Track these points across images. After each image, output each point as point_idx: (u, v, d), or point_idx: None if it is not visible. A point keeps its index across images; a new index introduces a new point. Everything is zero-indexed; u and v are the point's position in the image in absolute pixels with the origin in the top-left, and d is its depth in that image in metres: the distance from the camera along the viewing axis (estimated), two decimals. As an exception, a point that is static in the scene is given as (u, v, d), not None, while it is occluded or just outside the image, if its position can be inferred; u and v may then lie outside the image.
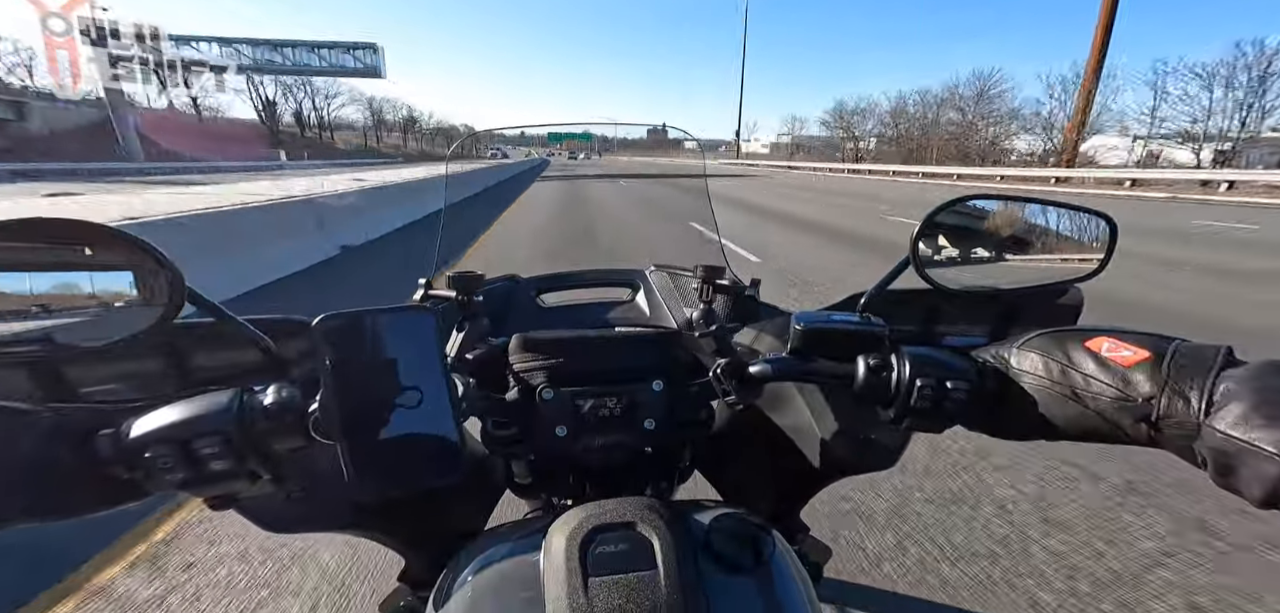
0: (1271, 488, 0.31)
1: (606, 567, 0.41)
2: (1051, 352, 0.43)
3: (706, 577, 0.43)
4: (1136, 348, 0.38)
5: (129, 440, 0.39)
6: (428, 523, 0.68)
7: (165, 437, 0.39)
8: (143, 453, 0.39)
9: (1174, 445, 0.36)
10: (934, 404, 0.45)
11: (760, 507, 0.74)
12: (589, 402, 0.57)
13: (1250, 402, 0.32)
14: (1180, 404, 0.35)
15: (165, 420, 0.40)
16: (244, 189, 8.78)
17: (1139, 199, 17.53)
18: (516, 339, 0.61)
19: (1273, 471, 0.30)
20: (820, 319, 0.54)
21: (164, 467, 0.39)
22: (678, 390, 0.60)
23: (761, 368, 0.54)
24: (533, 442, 0.58)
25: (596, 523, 0.44)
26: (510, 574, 0.46)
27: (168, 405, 0.41)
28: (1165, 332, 0.40)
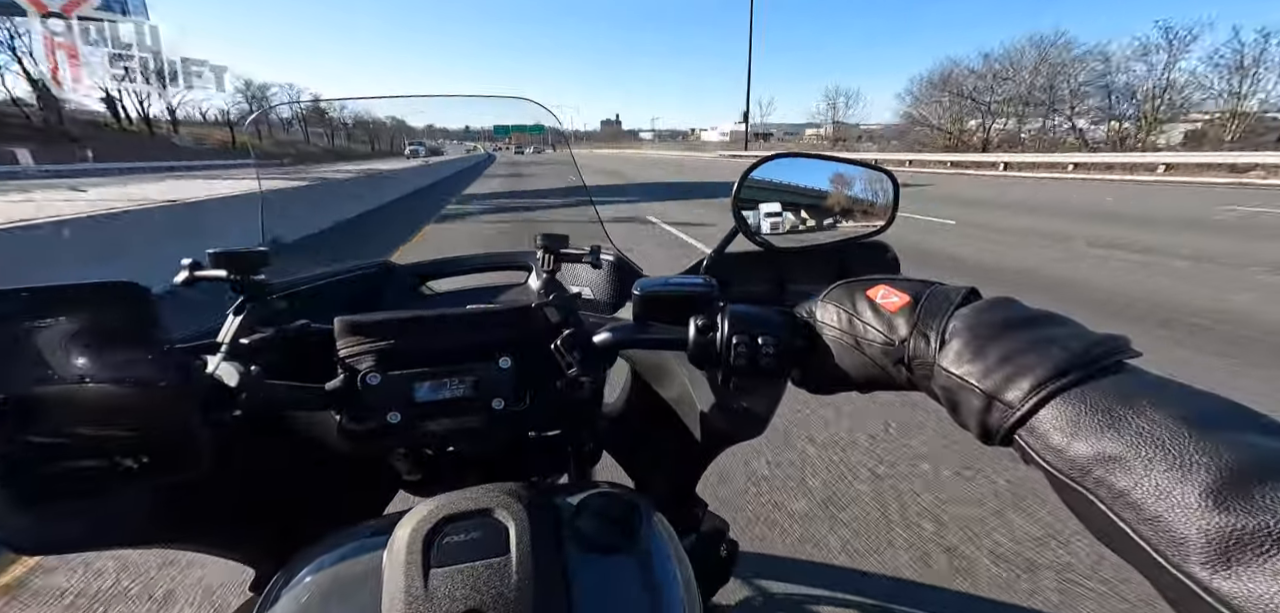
0: (978, 421, 0.31)
1: (452, 557, 0.39)
2: (843, 301, 0.43)
3: (571, 558, 0.42)
4: (902, 294, 0.39)
5: None
6: (289, 528, 0.61)
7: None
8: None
9: (922, 386, 0.37)
10: (749, 360, 0.45)
11: (660, 485, 0.75)
12: (425, 384, 0.53)
13: (965, 338, 0.33)
14: (922, 344, 0.35)
15: None
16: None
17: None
18: (340, 323, 0.55)
19: (976, 403, 0.31)
20: (658, 284, 0.55)
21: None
22: (530, 367, 0.58)
23: (603, 336, 0.55)
24: (366, 428, 0.54)
25: (447, 513, 0.42)
26: (349, 572, 0.43)
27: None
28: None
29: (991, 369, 0.30)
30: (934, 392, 0.35)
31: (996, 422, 0.30)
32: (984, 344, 0.31)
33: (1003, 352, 0.30)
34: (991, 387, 0.30)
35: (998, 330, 0.32)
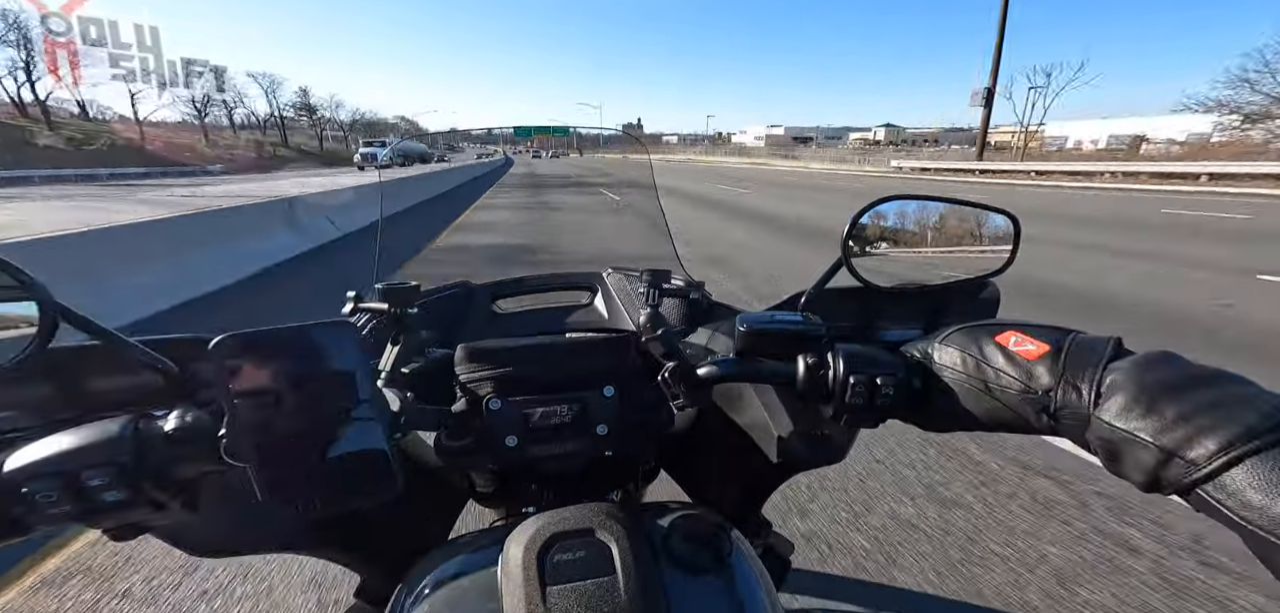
0: (1149, 474, 0.33)
1: (565, 575, 0.41)
2: (968, 346, 0.44)
3: (667, 579, 0.43)
4: (1038, 342, 0.40)
5: (5, 476, 0.35)
6: (383, 537, 0.65)
7: (46, 471, 0.35)
8: (19, 489, 0.35)
9: (1070, 434, 0.38)
10: (867, 399, 0.47)
11: (724, 505, 0.75)
12: (538, 411, 0.56)
13: (1131, 393, 0.34)
14: (1073, 396, 0.37)
15: (46, 453, 0.36)
16: None
17: None
18: (462, 350, 0.59)
19: (1149, 458, 0.32)
20: (763, 320, 0.55)
21: (47, 502, 0.35)
22: (630, 395, 0.60)
23: (708, 369, 0.55)
24: (484, 453, 0.57)
25: (554, 531, 0.43)
26: (468, 586, 0.45)
27: (50, 436, 0.37)
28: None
29: (1168, 426, 0.31)
30: (1086, 441, 0.36)
31: (1175, 477, 0.31)
32: (1156, 400, 0.33)
33: (1181, 409, 0.32)
34: (1171, 443, 0.31)
35: (1171, 388, 0.33)
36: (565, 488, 0.64)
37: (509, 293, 1.02)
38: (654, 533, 0.46)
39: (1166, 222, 10.01)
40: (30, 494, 0.35)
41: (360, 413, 0.40)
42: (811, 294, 0.62)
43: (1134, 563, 1.77)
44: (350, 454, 0.39)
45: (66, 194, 15.71)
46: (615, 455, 0.65)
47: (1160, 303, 4.82)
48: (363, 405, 0.40)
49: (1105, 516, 2.00)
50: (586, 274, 1.07)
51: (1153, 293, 5.18)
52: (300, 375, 0.39)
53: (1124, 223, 9.90)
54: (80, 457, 0.36)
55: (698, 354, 0.62)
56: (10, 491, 0.35)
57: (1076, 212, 11.85)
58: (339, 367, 0.40)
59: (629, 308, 0.92)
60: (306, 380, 0.39)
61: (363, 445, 0.40)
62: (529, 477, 0.65)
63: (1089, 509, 2.04)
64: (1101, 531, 1.92)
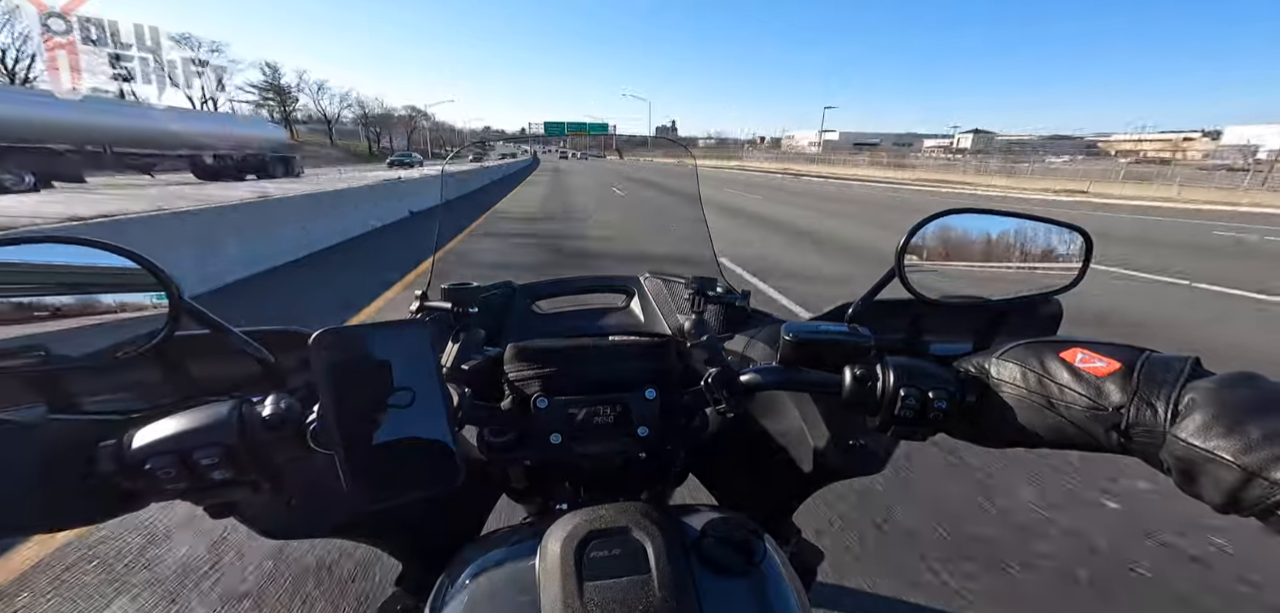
0: (1228, 494, 0.32)
1: (601, 571, 0.42)
2: (1029, 362, 0.44)
3: (699, 579, 0.44)
4: (1109, 359, 0.40)
5: (130, 453, 0.40)
6: (425, 529, 0.68)
7: (166, 448, 0.40)
8: (143, 465, 0.40)
9: (1142, 453, 0.37)
10: (917, 413, 0.47)
11: (752, 511, 0.75)
12: (583, 410, 0.57)
13: (1212, 412, 0.33)
14: (1148, 413, 0.36)
15: (166, 432, 0.40)
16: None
17: None
18: (511, 349, 0.61)
19: (1229, 478, 0.32)
20: (809, 330, 0.55)
21: (165, 477, 0.40)
22: (670, 398, 0.61)
23: (751, 377, 0.55)
24: (528, 449, 0.59)
25: (591, 528, 0.45)
26: (506, 579, 0.46)
27: (168, 418, 0.41)
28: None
29: (1253, 446, 0.31)
30: (1160, 460, 0.36)
31: (1255, 497, 0.31)
32: (1239, 420, 0.32)
33: (1266, 430, 0.31)
34: (1253, 463, 0.31)
35: (1255, 408, 0.32)
36: (596, 488, 0.66)
37: (549, 294, 1.05)
38: (687, 534, 0.47)
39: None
40: (152, 470, 0.40)
41: (430, 407, 0.42)
42: (859, 306, 0.61)
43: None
44: (419, 446, 0.42)
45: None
46: (649, 457, 0.66)
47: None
48: (433, 401, 0.43)
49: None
50: (623, 278, 1.09)
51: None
52: (382, 371, 0.42)
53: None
54: (195, 437, 0.40)
55: (738, 361, 0.62)
56: (135, 466, 0.40)
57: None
58: (414, 363, 0.43)
59: (665, 312, 0.93)
60: (387, 376, 0.42)
61: (431, 438, 0.42)
62: (562, 475, 0.67)
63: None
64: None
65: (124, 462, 0.40)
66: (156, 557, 1.81)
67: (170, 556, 1.81)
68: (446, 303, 0.67)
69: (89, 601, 1.64)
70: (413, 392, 0.42)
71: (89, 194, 8.79)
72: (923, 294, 0.57)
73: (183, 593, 1.68)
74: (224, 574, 1.74)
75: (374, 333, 0.42)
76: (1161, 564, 1.79)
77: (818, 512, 1.99)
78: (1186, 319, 4.81)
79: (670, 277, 1.04)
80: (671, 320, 0.91)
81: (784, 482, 0.71)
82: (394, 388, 0.42)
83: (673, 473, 0.74)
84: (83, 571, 1.75)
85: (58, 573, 1.73)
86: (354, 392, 0.41)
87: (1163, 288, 5.89)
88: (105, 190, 10.07)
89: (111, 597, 1.65)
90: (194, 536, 1.88)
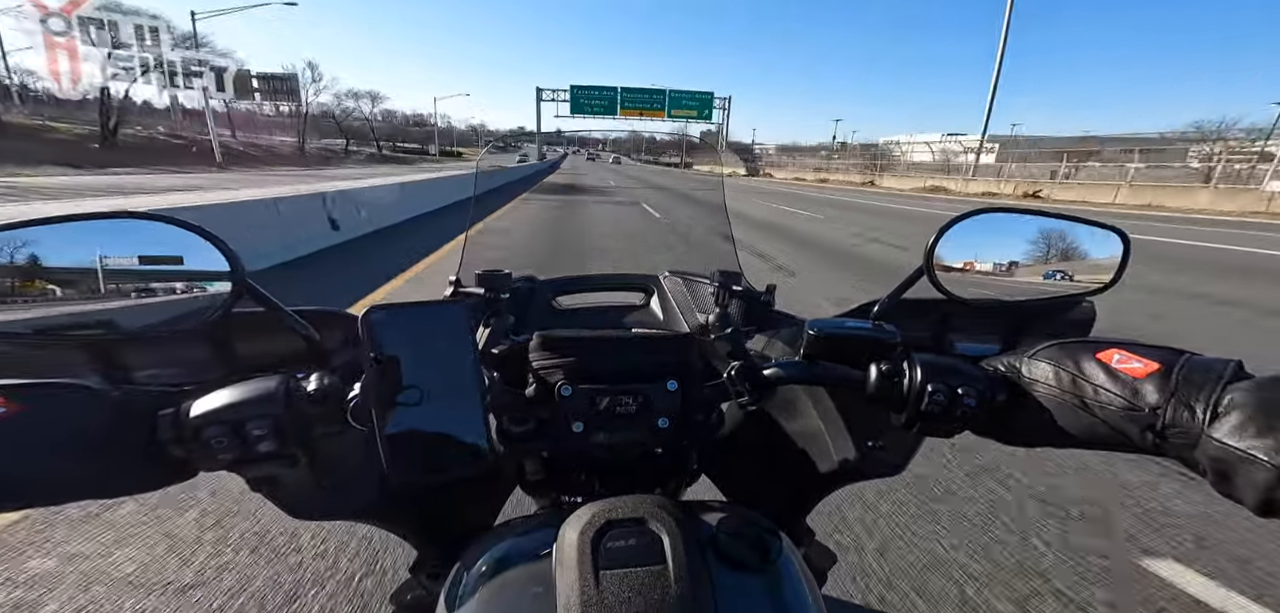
0: (1264, 494, 0.32)
1: (618, 560, 0.42)
2: (1063, 362, 0.44)
3: (715, 573, 0.44)
4: (1147, 360, 0.39)
5: (188, 421, 0.42)
6: (442, 516, 0.70)
7: (220, 418, 0.42)
8: (200, 433, 0.42)
9: (1177, 454, 0.37)
10: (944, 410, 0.47)
11: (766, 510, 0.75)
12: (605, 399, 0.58)
13: (1250, 411, 0.33)
14: (1185, 414, 0.36)
15: (221, 402, 0.43)
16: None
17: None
18: (537, 337, 0.63)
19: (1264, 477, 0.31)
20: (834, 326, 0.55)
21: (218, 447, 0.42)
22: (691, 392, 0.61)
23: (775, 371, 0.56)
24: (548, 438, 0.60)
25: (608, 518, 0.45)
26: (522, 568, 0.47)
27: (223, 388, 0.44)
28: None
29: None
30: (1195, 461, 0.36)
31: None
32: (1275, 419, 0.32)
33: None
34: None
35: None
36: (611, 482, 0.66)
37: (569, 289, 1.06)
38: (704, 528, 0.47)
39: None
40: (207, 438, 0.42)
41: (465, 390, 0.44)
42: (885, 304, 0.61)
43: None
44: (453, 428, 0.44)
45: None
46: (665, 452, 0.67)
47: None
48: (468, 384, 0.44)
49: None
50: (642, 276, 1.09)
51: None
52: (425, 351, 0.43)
53: None
54: (246, 408, 0.42)
55: (757, 358, 0.62)
56: (192, 435, 0.42)
57: None
58: (453, 345, 0.44)
59: (685, 311, 0.93)
60: (429, 356, 0.43)
61: (464, 422, 0.44)
62: (578, 468, 0.68)
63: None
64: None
65: (181, 430, 0.42)
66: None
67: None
68: (479, 289, 0.68)
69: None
70: (451, 374, 0.43)
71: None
72: (952, 293, 0.57)
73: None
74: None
75: (420, 312, 0.44)
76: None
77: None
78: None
79: (691, 275, 1.04)
80: (691, 319, 0.91)
81: (798, 482, 0.70)
82: (434, 369, 0.43)
83: (687, 470, 0.75)
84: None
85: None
86: (396, 369, 0.42)
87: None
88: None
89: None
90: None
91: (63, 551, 1.80)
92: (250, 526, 1.93)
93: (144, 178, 17.59)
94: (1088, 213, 0.61)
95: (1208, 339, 4.50)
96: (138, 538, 1.87)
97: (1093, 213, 9.41)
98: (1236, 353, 0.38)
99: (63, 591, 1.64)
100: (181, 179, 16.88)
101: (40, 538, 1.85)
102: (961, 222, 0.57)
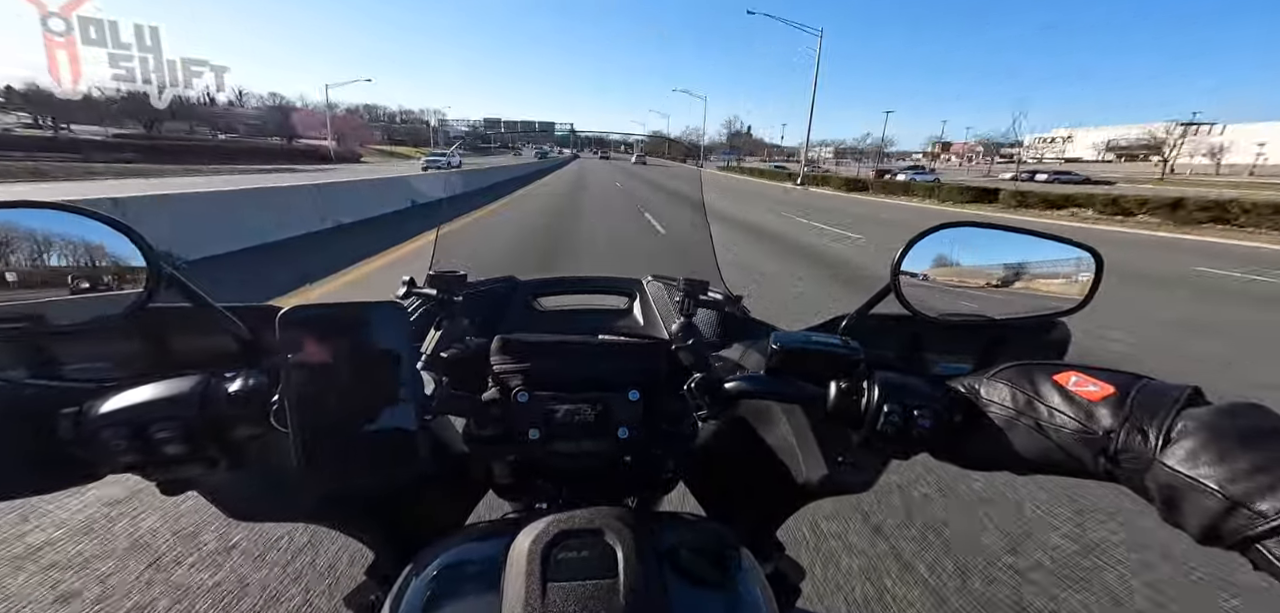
0: (1208, 523, 0.31)
1: (567, 573, 0.41)
2: (1020, 383, 0.43)
3: (670, 588, 0.43)
4: (1103, 384, 0.39)
5: (88, 420, 0.40)
6: (401, 518, 0.67)
7: (121, 419, 0.39)
8: (98, 434, 0.39)
9: (1128, 480, 0.37)
10: (899, 430, 0.46)
11: (739, 523, 0.74)
12: (563, 407, 0.56)
13: (1202, 439, 0.32)
14: (1137, 439, 0.35)
15: (126, 402, 0.40)
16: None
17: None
18: (498, 341, 0.61)
19: (1211, 506, 0.31)
20: (798, 340, 0.54)
21: (117, 448, 0.39)
22: (656, 403, 0.60)
23: (736, 384, 0.54)
24: (510, 444, 0.58)
25: (562, 529, 0.44)
26: (472, 573, 0.46)
27: (133, 388, 0.41)
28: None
29: (1240, 476, 0.30)
30: (1143, 487, 0.35)
31: (1236, 528, 0.30)
32: (1229, 449, 0.31)
33: (1256, 460, 0.30)
34: (1238, 493, 0.30)
35: (1248, 438, 0.31)
36: (582, 489, 0.65)
37: (550, 291, 1.04)
38: (661, 541, 0.46)
39: None
40: (104, 441, 0.39)
41: (397, 393, 0.41)
42: (853, 319, 0.60)
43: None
44: (381, 432, 0.41)
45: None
46: (635, 461, 0.65)
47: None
48: (401, 387, 0.42)
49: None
50: (626, 280, 1.08)
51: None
52: (351, 352, 0.41)
53: None
54: (152, 409, 0.40)
55: (727, 368, 0.60)
56: (88, 436, 0.40)
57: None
58: (386, 347, 0.42)
59: (665, 317, 0.92)
60: (355, 357, 0.41)
61: (393, 425, 0.41)
62: (547, 473, 0.66)
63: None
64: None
65: (81, 430, 0.40)
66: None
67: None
68: (431, 290, 0.66)
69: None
70: (382, 376, 0.41)
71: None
72: (920, 311, 0.55)
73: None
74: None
75: (348, 312, 0.41)
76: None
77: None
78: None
79: (672, 282, 1.03)
80: (670, 325, 0.89)
81: (771, 495, 0.69)
82: (363, 371, 0.41)
83: (661, 480, 0.73)
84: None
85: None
86: (320, 371, 0.40)
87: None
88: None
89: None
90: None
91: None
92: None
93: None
94: (1058, 230, 0.61)
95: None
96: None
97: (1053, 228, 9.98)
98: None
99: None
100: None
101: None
102: (931, 234, 0.55)
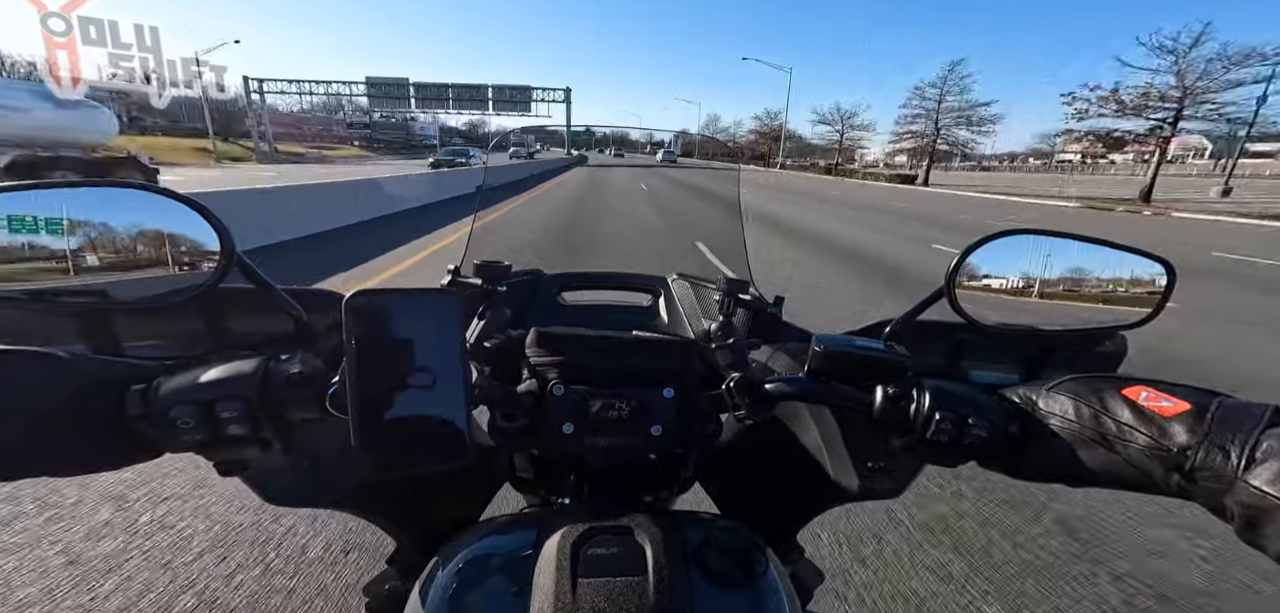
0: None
1: (597, 569, 0.42)
2: (1085, 396, 0.42)
3: (697, 588, 0.43)
4: (1177, 400, 0.38)
5: (158, 398, 0.41)
6: (424, 508, 0.69)
7: (190, 397, 0.41)
8: (168, 412, 0.41)
9: (1205, 498, 0.36)
10: (952, 439, 0.45)
11: (757, 525, 0.73)
12: (598, 402, 0.56)
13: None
14: (1218, 458, 0.35)
15: (193, 381, 0.41)
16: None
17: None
18: (534, 333, 0.61)
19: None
20: (842, 343, 0.52)
21: (185, 426, 0.40)
22: (689, 401, 0.59)
23: (777, 386, 0.53)
24: (539, 436, 0.58)
25: (592, 525, 0.45)
26: (500, 567, 0.47)
27: (196, 367, 0.42)
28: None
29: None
30: (1221, 506, 0.35)
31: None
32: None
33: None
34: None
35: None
36: (601, 486, 0.65)
37: (575, 286, 1.04)
38: (688, 541, 0.47)
39: None
40: (174, 417, 0.41)
41: (450, 383, 0.42)
42: (898, 324, 0.58)
43: None
44: (435, 420, 0.42)
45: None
46: (658, 460, 0.65)
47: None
48: (453, 376, 0.42)
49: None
50: (651, 277, 1.07)
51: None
52: (410, 338, 0.41)
53: None
54: (218, 388, 0.41)
55: (760, 370, 0.60)
56: (160, 413, 0.41)
57: None
58: (442, 335, 0.42)
59: (691, 316, 0.91)
60: (414, 344, 0.41)
61: (444, 413, 0.42)
62: (568, 469, 0.66)
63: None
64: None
65: (150, 407, 0.41)
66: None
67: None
68: (477, 279, 0.67)
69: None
70: (435, 364, 0.41)
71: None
72: (972, 318, 0.53)
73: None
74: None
75: (407, 299, 0.42)
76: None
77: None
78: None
79: (699, 281, 1.02)
80: (697, 325, 0.88)
81: (792, 499, 0.69)
82: (418, 358, 0.41)
83: (679, 479, 0.73)
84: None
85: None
86: (378, 356, 0.40)
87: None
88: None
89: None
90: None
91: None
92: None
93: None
94: (1129, 240, 0.57)
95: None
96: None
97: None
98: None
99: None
100: None
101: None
102: (990, 242, 0.53)
